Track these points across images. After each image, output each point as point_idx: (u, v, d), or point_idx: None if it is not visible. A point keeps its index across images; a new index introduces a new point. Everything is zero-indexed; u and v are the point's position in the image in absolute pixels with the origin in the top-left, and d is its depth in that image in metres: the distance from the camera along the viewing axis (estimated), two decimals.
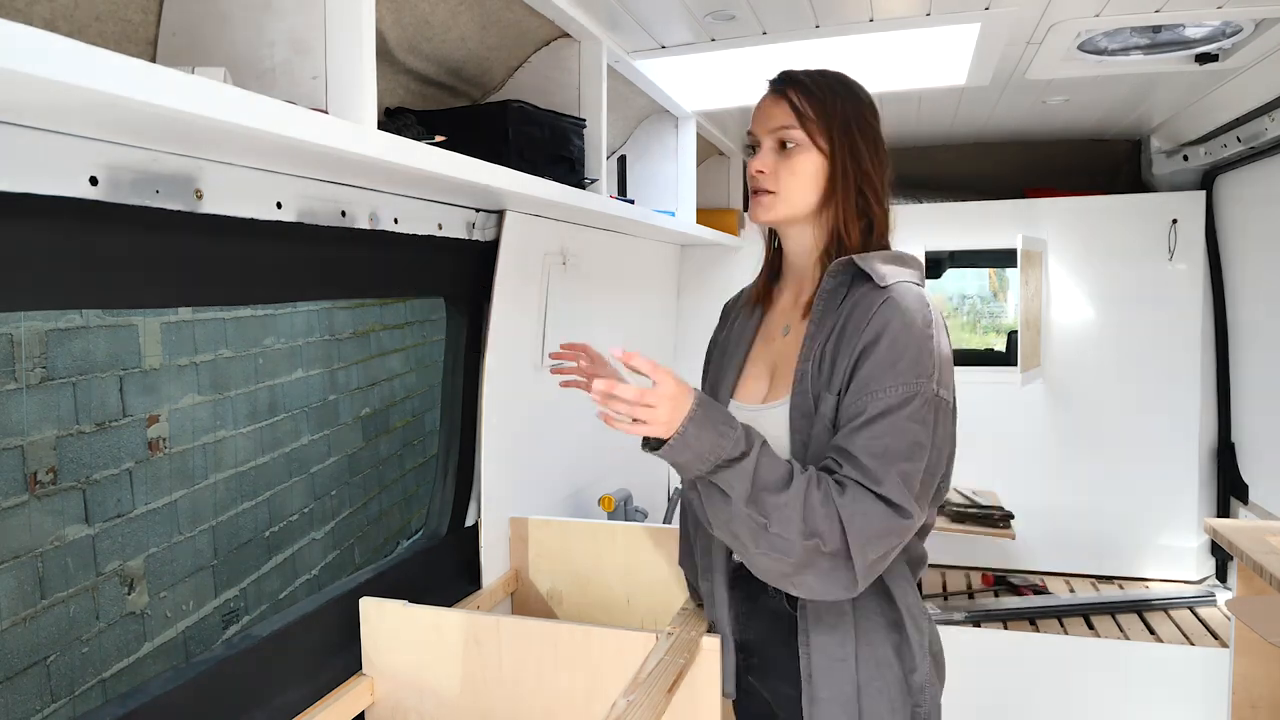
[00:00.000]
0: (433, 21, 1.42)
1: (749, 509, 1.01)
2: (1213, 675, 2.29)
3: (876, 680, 1.12)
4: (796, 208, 1.17)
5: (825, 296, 1.14)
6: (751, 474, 1.01)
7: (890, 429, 1.02)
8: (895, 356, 1.04)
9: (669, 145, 2.48)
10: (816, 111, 1.15)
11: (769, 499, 1.00)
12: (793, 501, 0.99)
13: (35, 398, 2.55)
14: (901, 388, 1.03)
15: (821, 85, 1.16)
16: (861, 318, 1.08)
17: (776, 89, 1.19)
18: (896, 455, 1.01)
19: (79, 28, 0.93)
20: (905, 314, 1.06)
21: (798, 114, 1.15)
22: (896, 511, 1.00)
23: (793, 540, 0.99)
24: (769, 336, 1.26)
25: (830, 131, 1.15)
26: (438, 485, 1.78)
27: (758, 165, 1.18)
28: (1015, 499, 2.77)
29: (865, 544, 0.99)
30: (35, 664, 2.48)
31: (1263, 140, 2.22)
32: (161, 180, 0.96)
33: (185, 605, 3.19)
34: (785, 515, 0.99)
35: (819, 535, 0.99)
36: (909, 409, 1.02)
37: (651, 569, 1.77)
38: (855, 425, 1.03)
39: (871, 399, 1.03)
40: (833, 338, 1.10)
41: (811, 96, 1.15)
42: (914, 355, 1.04)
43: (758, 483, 1.01)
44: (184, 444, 3.23)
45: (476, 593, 1.74)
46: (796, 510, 0.99)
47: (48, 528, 2.58)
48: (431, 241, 1.53)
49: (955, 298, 9.85)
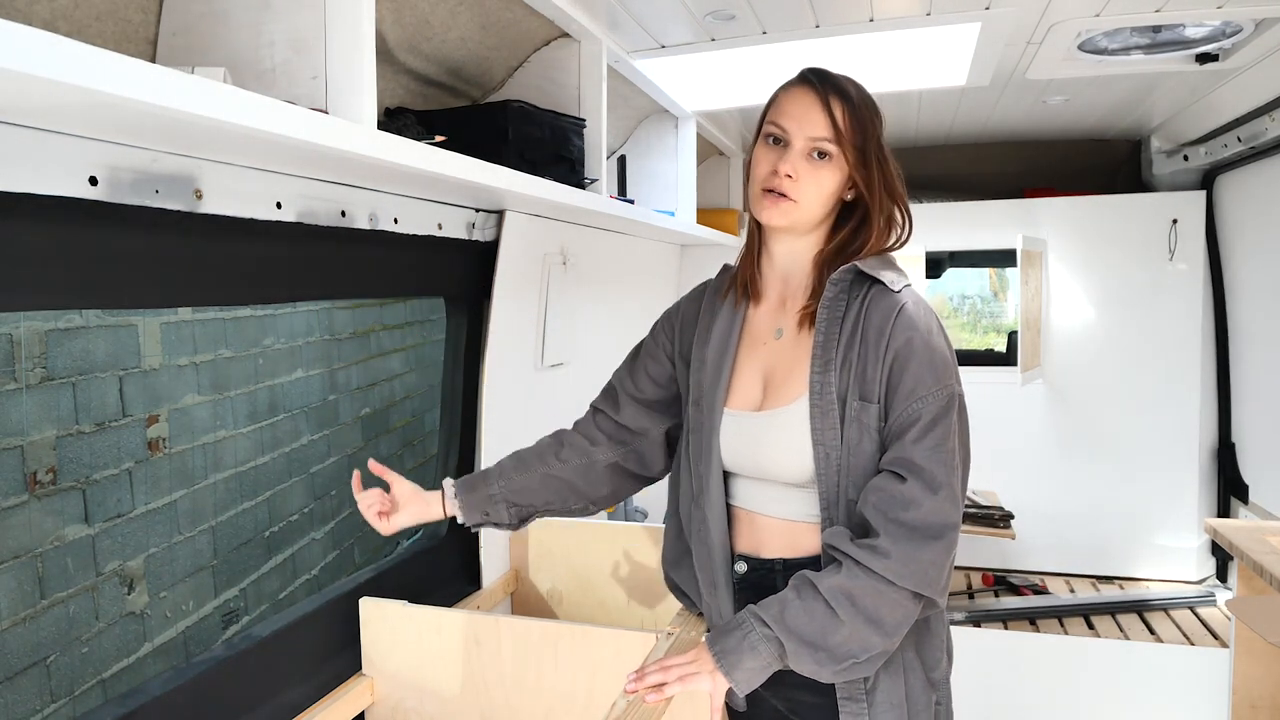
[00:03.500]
0: (433, 21, 1.42)
1: (832, 670, 1.04)
2: (1213, 675, 2.29)
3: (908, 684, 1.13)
4: (811, 218, 1.15)
5: (829, 304, 1.12)
6: (808, 651, 1.03)
7: (946, 433, 1.06)
8: (930, 361, 1.07)
9: (669, 145, 2.48)
10: (856, 131, 1.12)
11: (837, 644, 1.03)
12: (855, 628, 1.02)
13: (35, 398, 2.55)
14: (943, 391, 1.07)
15: (862, 103, 1.14)
16: (883, 323, 1.09)
17: (818, 91, 1.12)
18: (953, 460, 1.06)
19: (79, 28, 0.93)
20: (925, 318, 1.10)
21: (838, 130, 1.11)
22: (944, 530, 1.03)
23: (885, 647, 1.04)
24: (756, 339, 1.21)
25: (865, 154, 1.13)
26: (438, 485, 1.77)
27: (788, 169, 1.11)
28: (1015, 499, 2.77)
29: (940, 583, 1.04)
30: (35, 664, 2.48)
31: (1263, 140, 2.22)
32: (161, 180, 0.96)
33: (185, 605, 3.19)
34: (859, 639, 1.02)
35: (898, 620, 1.03)
36: (952, 413, 1.07)
37: (652, 569, 1.77)
38: (914, 435, 1.06)
39: (922, 405, 1.06)
40: (855, 345, 1.10)
41: (854, 114, 1.12)
42: (942, 358, 1.08)
43: (820, 649, 1.03)
44: (184, 444, 3.23)
45: (476, 593, 1.74)
46: (866, 629, 1.02)
47: (48, 528, 2.58)
48: (431, 241, 1.53)
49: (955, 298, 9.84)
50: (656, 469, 1.36)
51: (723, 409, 1.19)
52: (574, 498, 1.33)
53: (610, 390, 1.37)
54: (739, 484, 1.21)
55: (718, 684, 1.05)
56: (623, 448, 1.33)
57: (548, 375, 1.99)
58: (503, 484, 1.30)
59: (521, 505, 1.31)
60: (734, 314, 1.23)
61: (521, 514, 1.32)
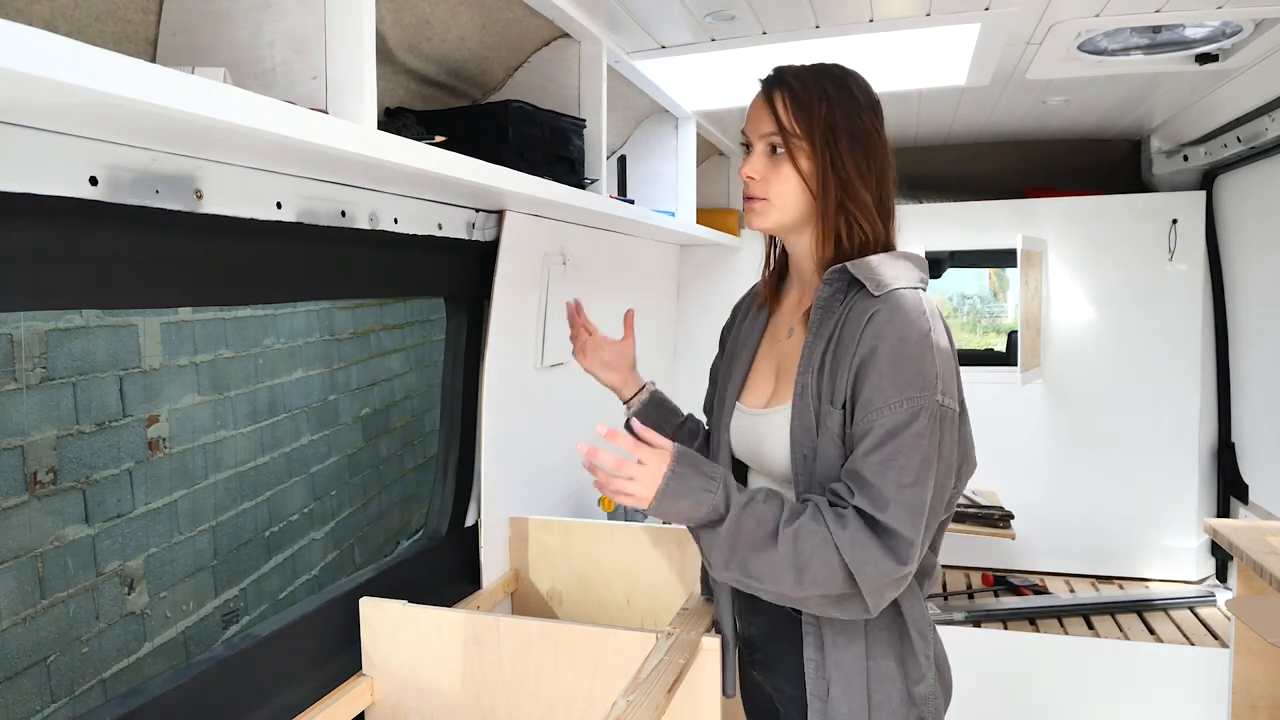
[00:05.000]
0: (433, 21, 1.42)
1: (732, 573, 1.04)
2: (1213, 675, 2.29)
3: (879, 694, 1.11)
4: (789, 214, 1.15)
5: (822, 304, 1.12)
6: (731, 538, 1.03)
7: (899, 449, 1.01)
8: (895, 371, 1.02)
9: (669, 145, 2.48)
10: (799, 118, 1.10)
11: (754, 560, 1.02)
12: (781, 561, 1.01)
13: (35, 398, 2.56)
14: (906, 404, 1.01)
15: (808, 87, 1.11)
16: (854, 329, 1.06)
17: (765, 89, 1.15)
18: (906, 480, 1.00)
19: (79, 28, 0.93)
20: (901, 325, 1.04)
21: (780, 121, 1.11)
22: (899, 545, 1.00)
23: (787, 593, 1.03)
24: (775, 337, 1.25)
25: (813, 139, 1.10)
26: (438, 485, 1.77)
27: (748, 170, 1.15)
28: (1015, 499, 2.77)
29: (878, 590, 1.01)
30: (35, 664, 2.48)
31: (1263, 140, 2.22)
32: (161, 180, 0.96)
33: (185, 605, 3.19)
34: (775, 573, 1.01)
35: (819, 584, 1.01)
36: (915, 426, 1.01)
37: (651, 569, 1.77)
38: (865, 448, 1.02)
39: (877, 417, 1.02)
40: (831, 348, 1.09)
41: (796, 101, 1.11)
42: (913, 368, 1.02)
43: (740, 545, 1.02)
44: (184, 444, 3.23)
45: (476, 593, 1.74)
46: (788, 566, 1.01)
47: (48, 528, 2.58)
48: (431, 241, 1.53)
49: (955, 298, 9.86)
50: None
51: (734, 404, 1.24)
52: None
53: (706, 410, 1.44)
54: (751, 477, 1.27)
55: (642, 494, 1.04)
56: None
57: (548, 375, 1.99)
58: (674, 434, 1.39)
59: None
60: (760, 312, 1.29)
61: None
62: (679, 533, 1.76)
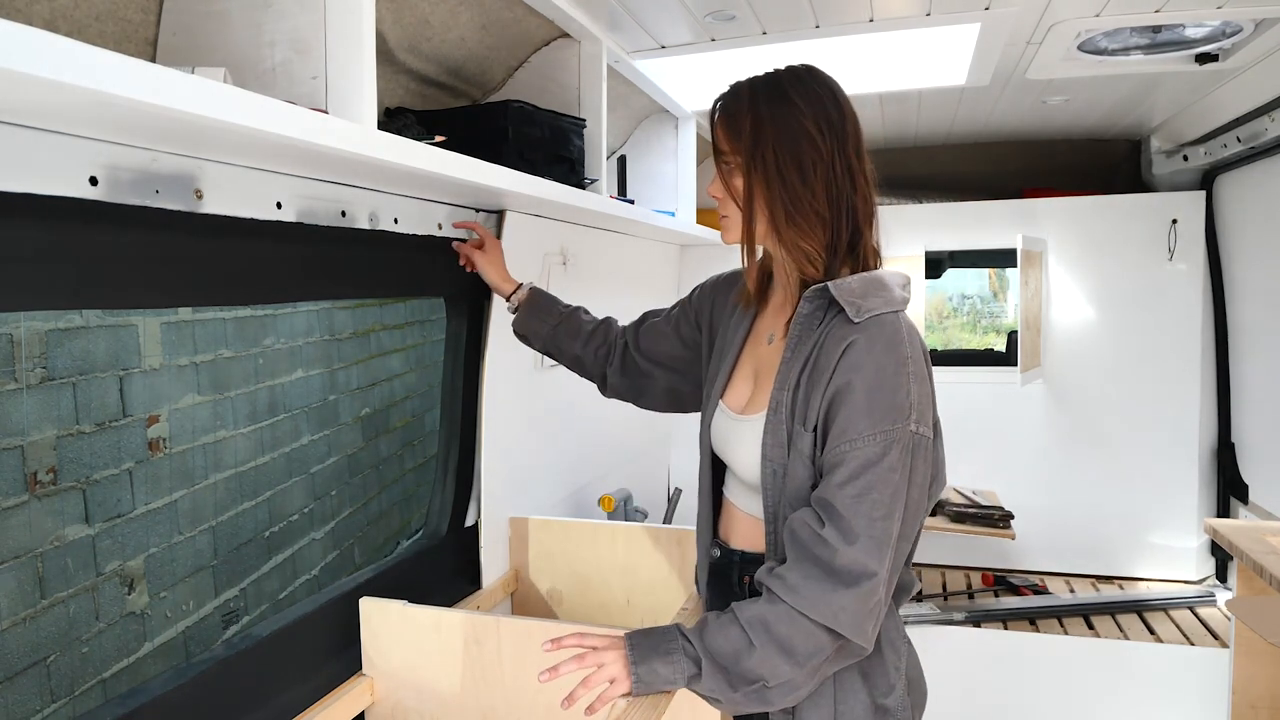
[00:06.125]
0: (433, 21, 1.42)
1: (742, 694, 1.02)
2: (1213, 675, 2.29)
3: (844, 703, 1.11)
4: (756, 229, 1.14)
5: (802, 322, 1.11)
6: (717, 670, 1.02)
7: (872, 484, 1.00)
8: (870, 404, 1.01)
9: (669, 145, 2.48)
10: (729, 136, 1.11)
11: (747, 668, 1.01)
12: (768, 656, 1.00)
13: (35, 398, 2.56)
14: (880, 436, 1.00)
15: (740, 102, 1.10)
16: (831, 356, 1.05)
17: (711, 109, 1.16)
18: (877, 514, 1.00)
19: (79, 28, 0.93)
20: (878, 356, 1.03)
21: (715, 140, 1.14)
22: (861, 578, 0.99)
23: (794, 678, 1.01)
24: (757, 340, 1.25)
25: (741, 155, 1.10)
26: (438, 485, 1.77)
27: (709, 190, 1.18)
28: (1015, 499, 2.77)
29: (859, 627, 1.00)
30: (35, 664, 2.48)
31: (1263, 140, 2.22)
32: (161, 180, 0.96)
33: (185, 605, 3.19)
34: (772, 668, 1.00)
35: (812, 654, 1.00)
36: (888, 459, 1.00)
37: (651, 569, 1.77)
38: (839, 480, 1.01)
39: (850, 449, 1.01)
40: (807, 370, 1.08)
41: (727, 119, 1.11)
42: (888, 400, 1.01)
43: (729, 666, 1.02)
44: (184, 444, 3.23)
45: (476, 593, 1.74)
46: (777, 656, 1.00)
47: (48, 528, 2.58)
48: (431, 241, 1.53)
49: (955, 298, 9.86)
50: (611, 380, 1.51)
51: (718, 402, 1.24)
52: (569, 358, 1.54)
53: (642, 319, 1.50)
54: (728, 475, 1.27)
55: (620, 680, 1.04)
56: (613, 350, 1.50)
57: (548, 375, 1.99)
58: (551, 331, 1.51)
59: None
60: (748, 311, 1.27)
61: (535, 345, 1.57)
62: (679, 533, 1.76)
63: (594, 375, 1.53)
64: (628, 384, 1.49)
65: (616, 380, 1.50)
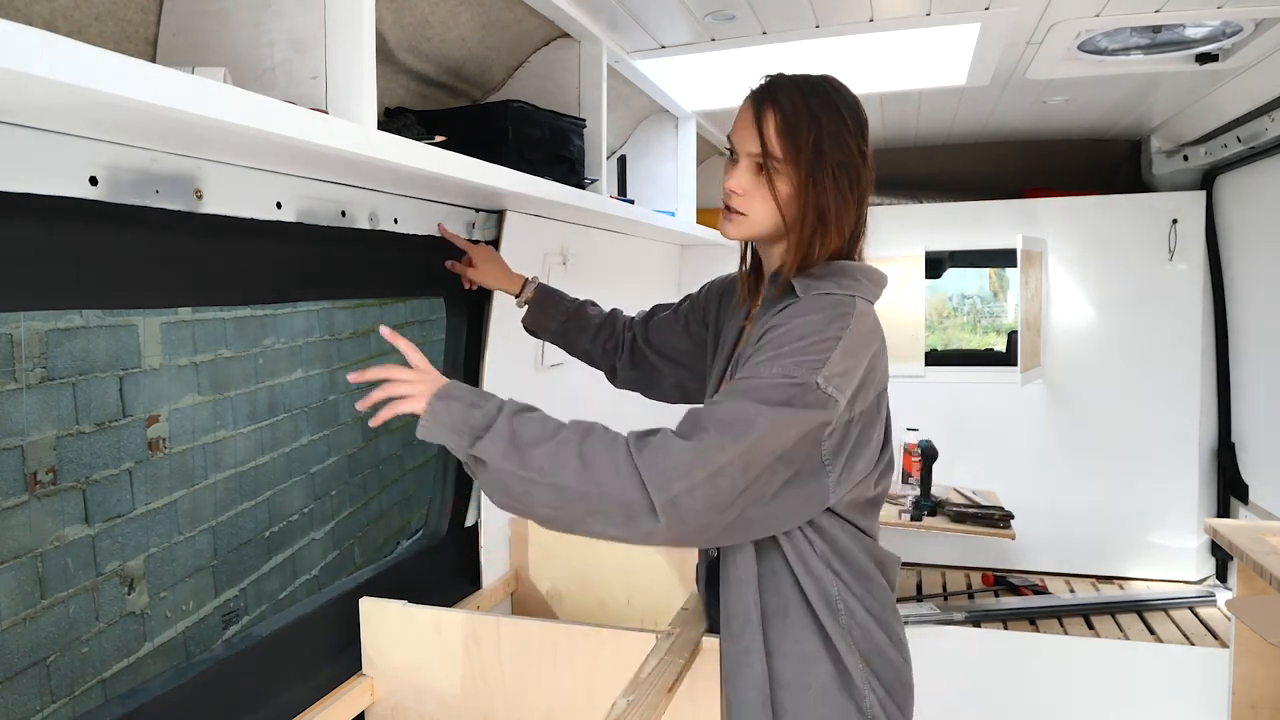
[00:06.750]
0: (433, 21, 1.42)
1: (508, 464, 0.96)
2: (1213, 675, 2.29)
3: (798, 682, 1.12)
4: (763, 229, 1.14)
5: (764, 306, 1.12)
6: (508, 435, 0.97)
7: (741, 395, 0.97)
8: (780, 344, 1.00)
9: (669, 145, 2.48)
10: (786, 144, 1.08)
11: (531, 451, 0.96)
12: (562, 449, 0.96)
13: (35, 398, 2.56)
14: (780, 374, 0.98)
15: (799, 110, 1.08)
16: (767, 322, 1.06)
17: (755, 103, 1.11)
18: (731, 430, 0.95)
19: (79, 28, 0.93)
20: (810, 314, 1.03)
21: (766, 142, 1.08)
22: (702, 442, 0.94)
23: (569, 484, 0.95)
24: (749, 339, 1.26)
25: (798, 165, 1.08)
26: (437, 485, 1.77)
27: (732, 184, 1.13)
28: (1015, 499, 2.77)
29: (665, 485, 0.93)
30: (35, 664, 2.48)
31: (1263, 140, 2.22)
32: (161, 180, 0.96)
33: (185, 605, 3.19)
34: (556, 463, 0.95)
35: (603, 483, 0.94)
36: (772, 389, 0.97)
37: (651, 569, 1.77)
38: (716, 395, 1.01)
39: (743, 374, 1.01)
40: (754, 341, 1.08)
41: (785, 124, 1.08)
42: (802, 347, 0.99)
43: (517, 440, 0.97)
44: (184, 444, 3.23)
45: (476, 593, 1.74)
46: (570, 456, 0.95)
47: (48, 528, 2.58)
48: (431, 241, 1.53)
49: (955, 298, 9.85)
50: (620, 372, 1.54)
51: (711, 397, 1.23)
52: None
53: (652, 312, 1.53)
54: None
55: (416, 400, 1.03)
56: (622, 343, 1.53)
57: (548, 375, 1.99)
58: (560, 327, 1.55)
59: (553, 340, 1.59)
60: (742, 309, 1.29)
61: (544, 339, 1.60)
62: None
63: (603, 367, 1.57)
64: (637, 376, 1.53)
65: (626, 372, 1.53)
